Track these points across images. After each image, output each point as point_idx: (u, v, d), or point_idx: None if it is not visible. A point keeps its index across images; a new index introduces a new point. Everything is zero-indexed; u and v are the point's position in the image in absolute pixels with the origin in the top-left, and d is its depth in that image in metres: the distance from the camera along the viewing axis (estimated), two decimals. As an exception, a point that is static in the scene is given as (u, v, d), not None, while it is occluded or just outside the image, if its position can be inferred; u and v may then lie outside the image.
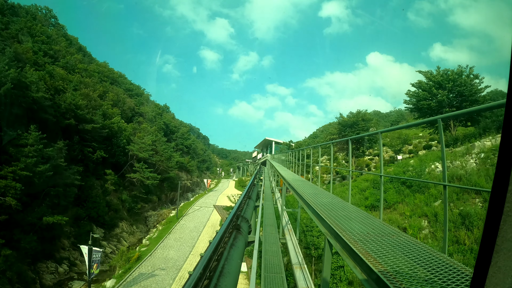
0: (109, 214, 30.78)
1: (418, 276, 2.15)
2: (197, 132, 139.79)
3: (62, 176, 26.47)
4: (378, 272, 2.17)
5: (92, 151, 31.66)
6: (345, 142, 27.40)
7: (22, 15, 52.58)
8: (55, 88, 34.22)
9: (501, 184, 0.75)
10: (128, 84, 65.26)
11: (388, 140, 36.93)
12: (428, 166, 19.77)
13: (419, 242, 3.16)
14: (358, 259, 2.57)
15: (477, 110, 17.60)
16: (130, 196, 35.05)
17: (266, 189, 16.28)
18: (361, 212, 5.21)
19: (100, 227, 29.35)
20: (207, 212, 30.98)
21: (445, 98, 23.70)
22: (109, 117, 37.10)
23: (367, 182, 21.34)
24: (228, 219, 6.88)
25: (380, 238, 3.14)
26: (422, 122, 18.67)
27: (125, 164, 36.86)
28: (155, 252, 21.03)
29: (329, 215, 4.34)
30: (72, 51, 56.65)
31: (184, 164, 49.78)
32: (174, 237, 23.92)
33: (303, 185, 8.26)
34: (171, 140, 53.33)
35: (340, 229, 3.41)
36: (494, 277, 0.76)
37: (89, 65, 57.35)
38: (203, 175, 75.94)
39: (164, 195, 42.69)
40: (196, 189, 56.05)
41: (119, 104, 46.87)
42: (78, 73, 44.47)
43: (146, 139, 36.71)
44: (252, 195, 12.13)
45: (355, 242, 2.88)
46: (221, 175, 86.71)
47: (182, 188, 48.34)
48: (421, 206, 16.13)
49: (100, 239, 28.72)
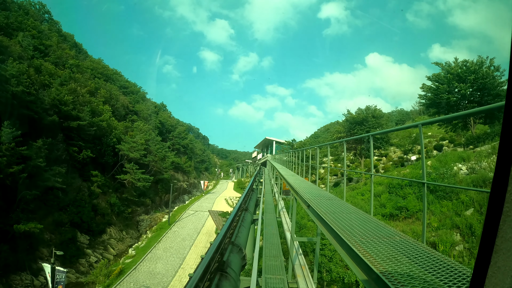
0: (96, 219, 28.32)
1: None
2: (197, 132, 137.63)
3: (42, 178, 24.05)
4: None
5: (78, 151, 29.21)
6: (353, 141, 24.93)
7: (14, 10, 50.44)
8: (40, 83, 31.94)
9: (501, 184, 0.75)
10: (123, 82, 62.82)
11: (396, 140, 34.46)
12: (450, 168, 17.30)
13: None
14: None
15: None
16: (120, 199, 32.59)
17: (266, 194, 13.75)
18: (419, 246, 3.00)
19: (85, 233, 26.88)
20: (202, 217, 28.47)
21: (468, 92, 21.24)
22: (98, 114, 34.67)
23: (381, 186, 18.85)
24: (209, 254, 4.36)
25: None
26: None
27: (115, 164, 34.41)
28: (141, 264, 18.56)
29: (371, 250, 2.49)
30: (65, 46, 54.32)
31: (181, 165, 47.31)
32: (164, 246, 21.44)
33: (319, 199, 5.83)
34: (167, 140, 50.85)
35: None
36: (493, 277, 0.76)
37: (83, 62, 55.26)
38: (202, 176, 73.47)
39: (158, 198, 40.18)
40: (193, 191, 53.48)
41: (112, 101, 44.43)
42: (69, 69, 42.09)
43: (137, 138, 34.23)
44: (249, 205, 9.61)
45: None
46: (220, 176, 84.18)
47: (178, 190, 45.86)
48: (450, 216, 13.65)
49: (84, 246, 26.31)
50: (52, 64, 39.27)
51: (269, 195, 15.15)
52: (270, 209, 11.14)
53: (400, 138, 35.37)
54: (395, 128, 17.06)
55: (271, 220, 9.45)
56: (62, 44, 53.69)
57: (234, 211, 8.13)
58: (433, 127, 45.62)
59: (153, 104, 58.20)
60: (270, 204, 12.37)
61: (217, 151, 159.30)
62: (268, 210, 10.83)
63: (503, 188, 0.74)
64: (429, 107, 23.71)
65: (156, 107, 59.52)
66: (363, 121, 24.10)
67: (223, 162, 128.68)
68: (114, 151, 34.47)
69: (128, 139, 33.72)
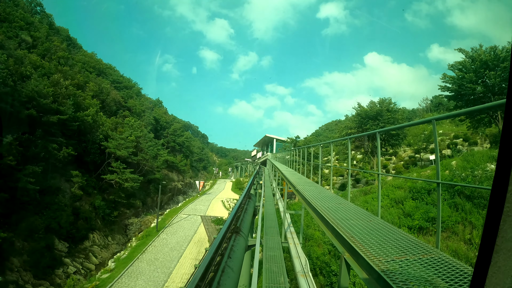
0: (77, 223, 25.59)
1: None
2: (196, 130, 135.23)
3: (11, 178, 21.31)
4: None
5: (57, 148, 26.41)
6: (364, 139, 22.17)
7: (3, 1, 47.89)
8: (20, 74, 29.23)
9: (501, 184, 0.75)
10: (117, 76, 59.96)
11: (407, 138, 31.66)
12: (481, 168, 14.53)
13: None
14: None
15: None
16: (107, 201, 29.83)
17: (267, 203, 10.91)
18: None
19: (64, 240, 24.16)
20: (195, 222, 25.70)
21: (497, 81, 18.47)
22: (85, 109, 31.89)
23: (400, 190, 16.07)
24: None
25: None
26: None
27: (102, 163, 31.64)
28: (119, 281, 15.81)
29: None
30: (55, 39, 51.57)
31: (175, 164, 44.51)
32: (148, 258, 18.69)
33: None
34: (161, 137, 47.99)
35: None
36: (494, 277, 0.76)
37: (75, 55, 52.69)
38: (200, 175, 70.66)
39: (150, 199, 37.40)
40: (189, 191, 50.61)
41: (102, 95, 41.60)
42: (55, 61, 39.38)
43: (126, 134, 31.40)
44: (244, 222, 6.78)
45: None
46: (218, 175, 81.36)
47: (172, 190, 43.12)
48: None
49: (62, 255, 23.59)
50: (39, 56, 36.88)
51: (270, 202, 12.27)
52: (271, 226, 8.25)
53: (411, 136, 32.62)
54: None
55: (274, 249, 6.61)
56: (52, 37, 51.10)
57: (219, 237, 5.35)
58: (444, 124, 42.88)
59: (148, 100, 55.36)
60: (271, 217, 9.43)
61: (216, 149, 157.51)
62: (270, 230, 7.97)
63: (503, 188, 0.74)
64: (452, 100, 20.87)
65: (151, 103, 56.68)
66: (377, 116, 21.26)
67: (222, 161, 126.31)
68: (101, 149, 31.71)
69: (116, 135, 30.91)
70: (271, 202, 11.96)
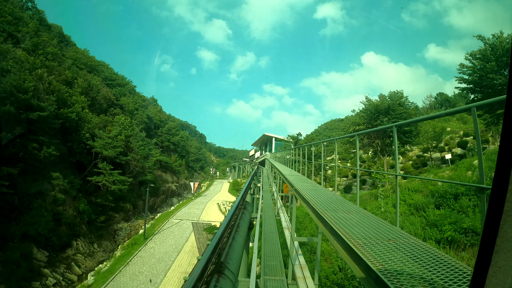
0: (59, 230, 23.48)
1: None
2: (194, 130, 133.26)
3: (-19, 181, 19.22)
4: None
5: (38, 148, 24.27)
6: (373, 135, 20.18)
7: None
8: (1, 69, 27.11)
9: (501, 183, 0.75)
10: (109, 73, 57.77)
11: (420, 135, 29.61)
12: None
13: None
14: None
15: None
16: (93, 204, 27.69)
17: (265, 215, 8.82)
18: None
19: (44, 248, 22.03)
20: (187, 228, 23.61)
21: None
22: (69, 105, 29.77)
23: (418, 194, 14.02)
24: None
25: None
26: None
27: (89, 164, 29.50)
28: (96, 300, 13.77)
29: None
30: (44, 35, 49.43)
31: (169, 164, 42.36)
32: (132, 270, 16.61)
33: None
34: (154, 136, 45.83)
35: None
36: (494, 277, 0.76)
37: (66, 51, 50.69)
38: (197, 175, 68.52)
39: (141, 201, 35.25)
40: (184, 193, 48.44)
41: (92, 93, 39.45)
42: (43, 56, 37.29)
43: (114, 133, 29.27)
44: (230, 260, 4.60)
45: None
46: (215, 176, 79.19)
47: (166, 192, 41.01)
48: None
49: (41, 265, 21.48)
50: (25, 51, 34.88)
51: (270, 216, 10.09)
52: (273, 256, 5.91)
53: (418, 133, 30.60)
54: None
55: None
56: (42, 33, 48.99)
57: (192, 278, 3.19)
58: (451, 121, 40.91)
59: (142, 98, 53.18)
60: (272, 239, 7.14)
61: (214, 149, 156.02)
62: (270, 263, 5.69)
63: (503, 188, 0.73)
64: (469, 92, 18.86)
65: (145, 101, 54.51)
66: (389, 110, 19.22)
67: (221, 161, 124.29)
68: (88, 149, 29.57)
69: (103, 134, 28.78)
70: (271, 214, 9.84)
